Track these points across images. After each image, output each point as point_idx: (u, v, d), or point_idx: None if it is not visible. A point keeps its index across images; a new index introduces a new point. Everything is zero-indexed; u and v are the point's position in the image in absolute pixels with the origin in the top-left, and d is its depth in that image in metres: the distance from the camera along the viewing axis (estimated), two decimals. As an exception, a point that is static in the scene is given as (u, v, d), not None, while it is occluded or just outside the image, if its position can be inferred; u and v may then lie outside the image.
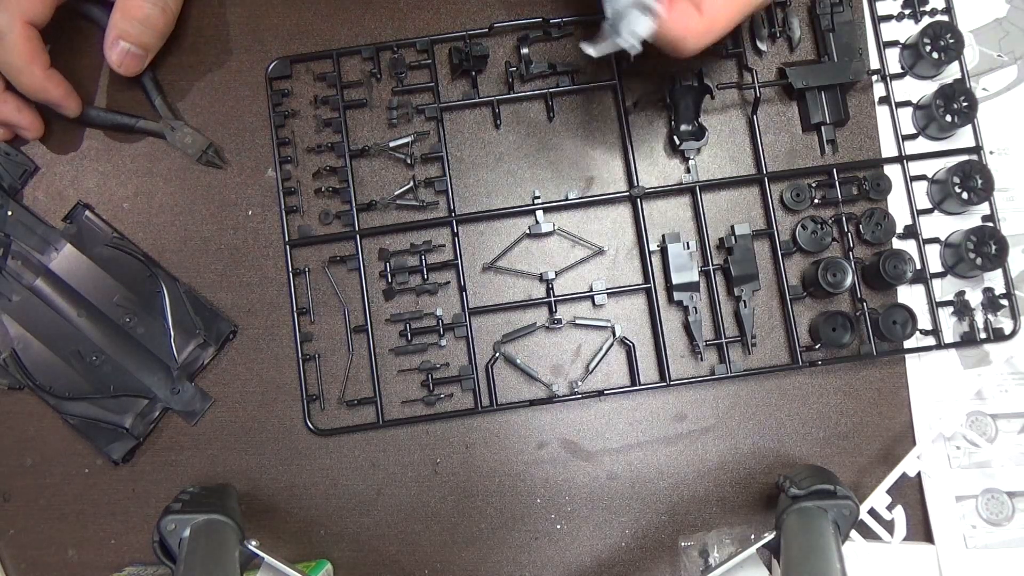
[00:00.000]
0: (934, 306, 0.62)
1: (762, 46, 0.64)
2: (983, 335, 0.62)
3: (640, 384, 0.62)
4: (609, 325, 0.63)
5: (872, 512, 0.60)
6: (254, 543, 0.53)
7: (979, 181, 0.61)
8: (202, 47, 0.65)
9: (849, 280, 0.61)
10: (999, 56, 0.65)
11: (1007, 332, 0.62)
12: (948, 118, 0.61)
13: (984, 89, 0.65)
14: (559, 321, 0.63)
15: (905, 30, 0.64)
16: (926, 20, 0.64)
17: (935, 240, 0.63)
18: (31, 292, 0.62)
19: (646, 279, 0.63)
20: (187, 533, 0.52)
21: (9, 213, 0.62)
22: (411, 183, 0.63)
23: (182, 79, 0.64)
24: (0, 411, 0.63)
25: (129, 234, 0.63)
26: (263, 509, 0.62)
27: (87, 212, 0.63)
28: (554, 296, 0.63)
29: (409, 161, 0.64)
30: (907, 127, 0.64)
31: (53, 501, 0.63)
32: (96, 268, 0.62)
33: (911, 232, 0.63)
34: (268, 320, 0.63)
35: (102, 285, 0.62)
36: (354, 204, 0.63)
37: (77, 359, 0.62)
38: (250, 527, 0.60)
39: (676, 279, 0.62)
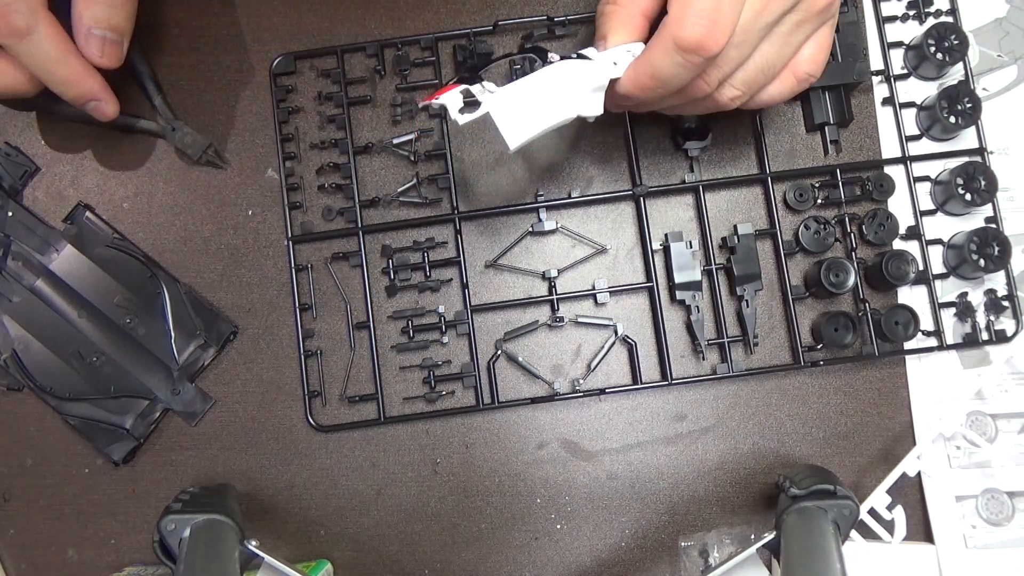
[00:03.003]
0: (936, 307, 0.62)
1: (766, 46, 0.64)
2: (985, 336, 0.62)
3: (641, 383, 0.62)
4: (611, 324, 0.63)
5: (872, 512, 0.60)
6: (254, 543, 0.53)
7: (982, 183, 0.61)
8: (202, 47, 0.64)
9: (851, 280, 0.61)
10: (999, 56, 0.65)
11: (1009, 334, 0.62)
12: (952, 119, 0.61)
13: (984, 89, 0.65)
14: (561, 319, 0.63)
15: (909, 31, 0.64)
16: (930, 21, 0.64)
17: (938, 241, 0.63)
18: (31, 293, 0.62)
19: (648, 278, 0.63)
20: (187, 533, 0.52)
21: (9, 214, 0.62)
22: (414, 180, 0.63)
23: (182, 79, 0.64)
24: (0, 411, 0.62)
25: (129, 234, 0.63)
26: (263, 509, 0.62)
27: (87, 213, 0.63)
28: (556, 294, 0.63)
29: (412, 158, 0.63)
30: (911, 128, 0.64)
31: (53, 501, 0.62)
32: (96, 269, 0.62)
33: (914, 233, 0.63)
34: (268, 320, 0.63)
35: (102, 286, 0.62)
36: (357, 201, 0.63)
37: (77, 360, 0.62)
38: (250, 527, 0.60)
39: (678, 278, 0.62)
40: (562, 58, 0.51)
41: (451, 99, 0.49)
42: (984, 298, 0.63)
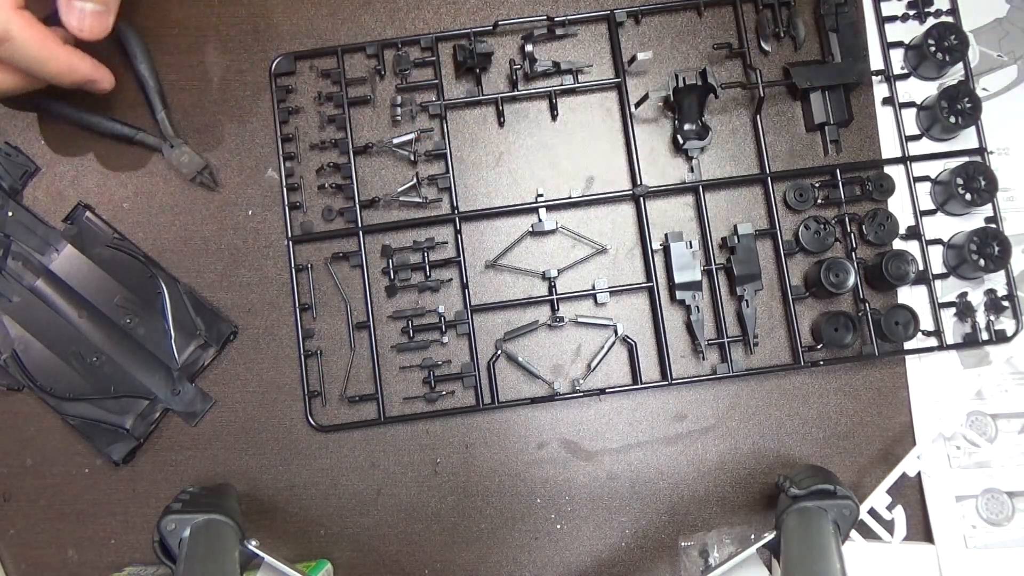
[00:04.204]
0: (936, 307, 0.62)
1: (766, 46, 0.64)
2: (985, 336, 0.62)
3: (641, 383, 0.62)
4: (611, 324, 0.63)
5: (872, 512, 0.60)
6: (254, 543, 0.53)
7: (983, 182, 0.61)
8: (202, 47, 0.64)
9: (851, 280, 0.61)
10: (999, 56, 0.65)
11: (1009, 334, 0.62)
12: (952, 119, 0.61)
13: (984, 89, 0.65)
14: (561, 319, 0.63)
15: (909, 31, 0.64)
16: (931, 21, 0.64)
17: (938, 241, 0.63)
18: (31, 293, 0.62)
19: (648, 278, 0.63)
20: (187, 533, 0.52)
21: (9, 213, 0.62)
22: (414, 180, 0.63)
23: (182, 79, 0.64)
24: (0, 411, 0.62)
25: (129, 234, 0.63)
26: (263, 509, 0.62)
27: (87, 212, 0.63)
28: (556, 294, 0.62)
29: (412, 158, 0.63)
30: (911, 128, 0.64)
31: (53, 501, 0.62)
32: (96, 269, 0.62)
33: (914, 233, 0.63)
34: (268, 320, 0.63)
35: (103, 286, 0.62)
36: (357, 201, 0.63)
37: (78, 360, 0.62)
38: (250, 527, 0.60)
39: (678, 278, 0.62)
40: None
41: None
42: (984, 298, 0.63)
